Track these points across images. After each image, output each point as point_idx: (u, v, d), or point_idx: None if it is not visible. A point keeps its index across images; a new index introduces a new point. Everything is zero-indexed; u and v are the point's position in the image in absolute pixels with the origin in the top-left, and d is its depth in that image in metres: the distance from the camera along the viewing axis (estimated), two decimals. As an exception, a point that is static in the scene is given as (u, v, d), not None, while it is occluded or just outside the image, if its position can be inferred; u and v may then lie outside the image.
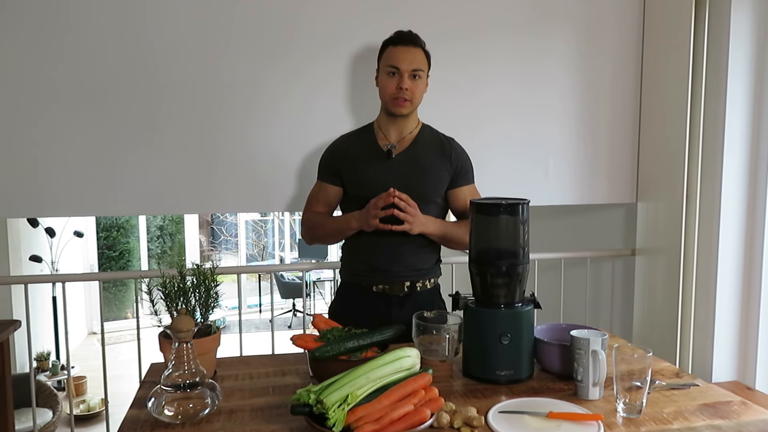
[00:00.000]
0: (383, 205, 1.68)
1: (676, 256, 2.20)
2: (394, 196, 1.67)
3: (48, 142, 2.02)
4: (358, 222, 1.76)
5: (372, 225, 1.71)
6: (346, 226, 1.81)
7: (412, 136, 1.84)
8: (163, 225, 8.07)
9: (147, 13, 2.03)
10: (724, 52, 2.04)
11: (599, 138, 2.42)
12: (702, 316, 2.15)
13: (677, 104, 2.18)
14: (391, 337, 1.50)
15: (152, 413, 1.22)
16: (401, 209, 1.68)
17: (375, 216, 1.69)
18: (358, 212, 1.76)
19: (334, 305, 1.94)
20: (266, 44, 2.11)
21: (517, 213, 1.48)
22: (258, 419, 1.25)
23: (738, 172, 2.08)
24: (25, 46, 1.96)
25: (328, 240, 1.93)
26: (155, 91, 2.07)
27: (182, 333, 1.24)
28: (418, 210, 1.72)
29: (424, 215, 1.75)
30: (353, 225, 1.78)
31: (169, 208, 2.31)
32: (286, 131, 2.16)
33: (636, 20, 2.37)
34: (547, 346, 1.47)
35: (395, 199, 1.67)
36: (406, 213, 1.69)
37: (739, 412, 1.28)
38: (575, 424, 1.21)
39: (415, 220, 1.71)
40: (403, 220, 1.69)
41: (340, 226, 1.83)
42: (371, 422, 1.12)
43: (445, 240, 1.83)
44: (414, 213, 1.70)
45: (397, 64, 1.74)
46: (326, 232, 1.89)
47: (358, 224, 1.76)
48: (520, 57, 2.30)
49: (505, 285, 1.47)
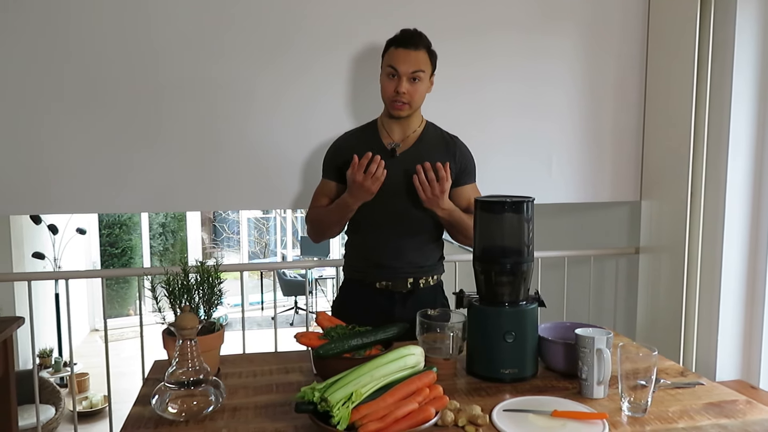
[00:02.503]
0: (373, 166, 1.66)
1: (680, 254, 2.20)
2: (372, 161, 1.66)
3: (52, 139, 2.02)
4: (353, 198, 1.73)
5: (372, 191, 1.69)
6: (345, 209, 1.77)
7: (416, 135, 1.84)
8: (165, 222, 8.07)
9: (150, 12, 2.03)
10: (729, 50, 2.04)
11: (603, 136, 2.41)
12: (706, 314, 2.14)
13: (682, 102, 2.17)
14: (395, 335, 1.50)
15: (156, 410, 1.22)
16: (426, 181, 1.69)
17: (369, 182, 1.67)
18: (348, 191, 1.73)
19: (337, 302, 1.94)
20: (269, 42, 2.10)
21: (522, 211, 1.47)
22: (262, 417, 1.25)
23: (743, 170, 2.07)
24: (29, 45, 1.96)
25: (333, 230, 1.89)
26: (158, 89, 2.06)
27: (186, 330, 1.24)
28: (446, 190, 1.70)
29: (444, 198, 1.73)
30: (349, 203, 1.74)
31: (173, 206, 2.30)
32: (289, 129, 2.16)
33: (641, 18, 2.36)
34: (551, 345, 1.47)
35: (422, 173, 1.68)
36: (427, 185, 1.68)
37: (744, 411, 1.28)
38: (580, 422, 1.21)
39: (434, 199, 1.70)
40: (423, 190, 1.69)
41: (341, 212, 1.79)
42: (375, 420, 1.12)
43: (452, 225, 1.80)
44: (438, 192, 1.69)
45: (397, 66, 1.72)
46: (328, 223, 1.86)
47: (355, 199, 1.73)
48: (524, 55, 2.29)
49: (509, 283, 1.46)
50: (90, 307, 6.61)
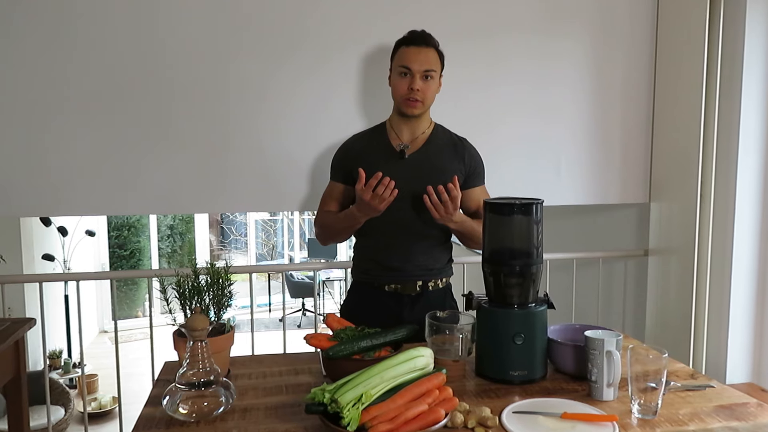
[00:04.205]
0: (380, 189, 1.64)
1: (689, 256, 2.19)
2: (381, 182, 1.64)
3: (61, 142, 2.03)
4: (361, 213, 1.72)
5: (380, 210, 1.68)
6: (353, 220, 1.77)
7: (425, 136, 1.84)
8: (173, 224, 8.11)
9: (159, 12, 2.04)
10: (739, 50, 2.03)
11: (612, 137, 2.40)
12: (716, 317, 2.13)
13: (691, 103, 2.16)
14: (405, 336, 1.50)
15: (167, 411, 1.22)
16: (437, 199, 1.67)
17: (377, 202, 1.65)
18: (356, 205, 1.72)
19: (346, 304, 1.94)
20: (277, 44, 2.11)
21: (531, 213, 1.47)
22: (272, 418, 1.25)
23: (753, 172, 2.06)
24: (37, 47, 1.98)
25: (340, 237, 1.91)
26: (167, 91, 2.07)
27: (197, 332, 1.25)
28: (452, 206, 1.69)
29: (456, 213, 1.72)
30: (357, 216, 1.74)
31: (181, 208, 2.32)
32: (297, 131, 2.17)
33: (649, 19, 2.36)
34: (560, 347, 1.46)
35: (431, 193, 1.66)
36: (440, 204, 1.67)
37: (755, 414, 1.27)
38: (590, 425, 1.20)
39: (447, 217, 1.69)
40: (436, 210, 1.68)
41: (349, 222, 1.79)
42: (386, 422, 1.12)
43: (462, 235, 1.81)
44: (451, 210, 1.68)
45: (409, 65, 1.73)
46: (337, 231, 1.87)
47: (363, 215, 1.72)
48: (532, 56, 2.29)
49: (518, 285, 1.46)
50: (98, 309, 6.65)
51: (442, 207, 1.67)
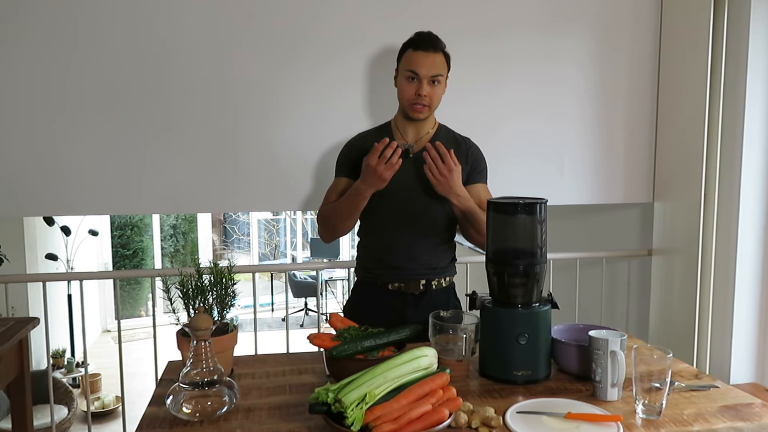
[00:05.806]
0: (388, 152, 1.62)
1: (693, 256, 2.18)
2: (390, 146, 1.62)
3: (65, 142, 2.04)
4: (366, 184, 1.70)
5: (385, 178, 1.66)
6: (358, 196, 1.73)
7: (430, 136, 1.84)
8: (176, 224, 8.12)
9: (162, 12, 2.04)
10: (743, 49, 2.02)
11: (615, 137, 2.40)
12: (720, 317, 2.13)
13: (695, 102, 2.16)
14: (408, 336, 1.50)
15: (171, 411, 1.23)
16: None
17: (383, 168, 1.63)
18: (361, 177, 1.70)
19: (349, 304, 1.94)
20: (282, 44, 2.11)
21: (535, 212, 1.47)
22: (275, 417, 1.25)
23: (757, 171, 2.06)
24: (41, 47, 1.98)
25: (345, 224, 1.84)
26: (171, 90, 2.08)
27: (201, 331, 1.25)
28: (453, 168, 1.67)
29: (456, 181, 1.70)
30: (362, 189, 1.71)
31: (185, 207, 2.32)
32: (302, 131, 2.17)
33: (653, 18, 2.35)
34: (564, 347, 1.46)
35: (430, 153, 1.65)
36: (438, 168, 1.66)
37: (760, 414, 1.26)
38: (594, 425, 1.20)
39: (443, 180, 1.67)
40: (434, 175, 1.67)
41: (354, 201, 1.75)
42: (389, 421, 1.12)
43: (465, 216, 1.76)
44: (446, 171, 1.67)
45: (417, 70, 1.72)
46: (341, 215, 1.81)
47: (368, 186, 1.70)
48: (536, 56, 2.29)
49: (522, 285, 1.46)
50: (101, 308, 6.66)
51: (436, 169, 1.66)
